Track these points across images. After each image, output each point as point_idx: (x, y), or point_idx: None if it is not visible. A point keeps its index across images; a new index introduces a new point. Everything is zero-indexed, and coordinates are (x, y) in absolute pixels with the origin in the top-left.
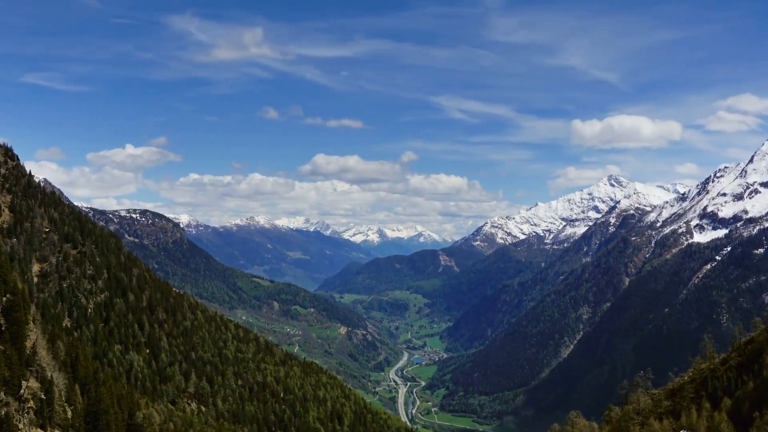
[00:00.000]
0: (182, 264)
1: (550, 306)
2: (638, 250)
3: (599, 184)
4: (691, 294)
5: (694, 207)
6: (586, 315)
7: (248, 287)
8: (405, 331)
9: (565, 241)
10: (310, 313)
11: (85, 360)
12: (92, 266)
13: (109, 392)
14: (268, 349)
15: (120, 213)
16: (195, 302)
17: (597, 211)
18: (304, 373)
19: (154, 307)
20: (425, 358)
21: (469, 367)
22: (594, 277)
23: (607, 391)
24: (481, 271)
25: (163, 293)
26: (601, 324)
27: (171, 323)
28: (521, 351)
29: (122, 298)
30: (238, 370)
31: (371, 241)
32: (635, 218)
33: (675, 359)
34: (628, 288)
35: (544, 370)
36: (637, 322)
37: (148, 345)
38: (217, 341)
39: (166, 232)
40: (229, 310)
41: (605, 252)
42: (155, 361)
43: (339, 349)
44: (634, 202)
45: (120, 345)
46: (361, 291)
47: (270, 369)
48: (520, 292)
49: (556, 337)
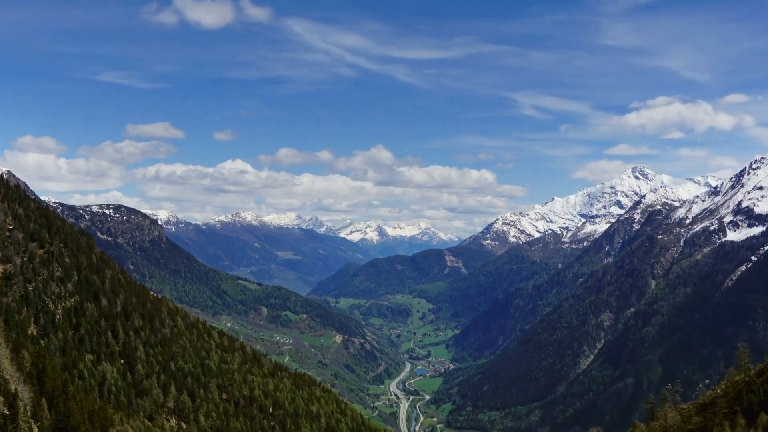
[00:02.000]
0: (161, 265)
1: (567, 311)
2: (665, 249)
3: (622, 177)
4: (724, 298)
5: (728, 202)
6: (608, 321)
7: (234, 291)
8: (407, 340)
9: (585, 240)
10: (302, 319)
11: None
12: (61, 267)
13: (80, 407)
14: (256, 360)
15: (92, 209)
16: (175, 307)
17: (620, 207)
18: (296, 385)
19: (129, 312)
20: (430, 369)
21: (478, 379)
22: (616, 279)
23: (631, 406)
24: (491, 273)
25: (140, 297)
26: (625, 331)
27: (148, 331)
28: (536, 361)
29: (94, 302)
30: (222, 383)
31: (370, 240)
32: (662, 214)
33: (706, 370)
34: (655, 291)
35: (562, 382)
36: (664, 330)
37: (122, 355)
38: (199, 351)
39: (142, 230)
40: (212, 316)
41: (629, 252)
42: (131, 373)
43: (334, 360)
44: (660, 197)
45: (92, 355)
46: (358, 295)
47: (258, 381)
48: (534, 296)
49: (574, 346)
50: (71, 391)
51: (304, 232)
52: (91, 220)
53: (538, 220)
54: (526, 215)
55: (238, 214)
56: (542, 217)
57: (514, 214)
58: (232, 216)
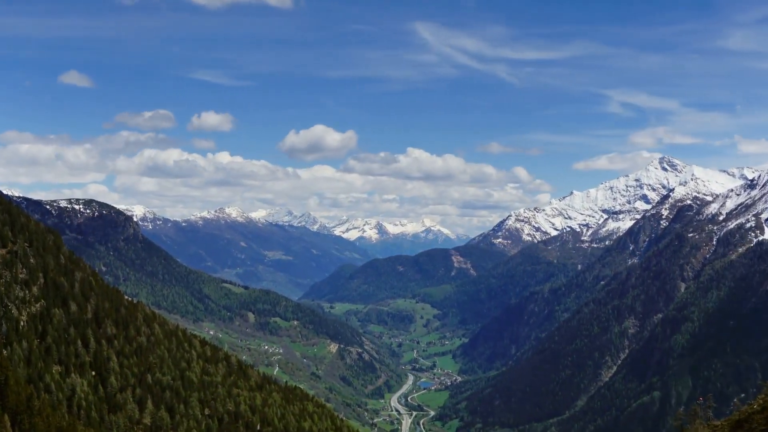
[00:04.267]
0: (136, 266)
1: (588, 318)
2: (697, 249)
3: (648, 168)
4: (761, 303)
5: (766, 196)
6: (633, 329)
7: (217, 295)
8: (410, 349)
9: (607, 238)
10: (294, 326)
11: (16, 384)
12: (26, 269)
13: (46, 423)
14: (242, 371)
15: (60, 204)
16: (152, 313)
17: (646, 201)
18: (286, 400)
19: (101, 319)
20: (435, 381)
21: (488, 393)
22: (642, 282)
23: (658, 423)
24: (503, 275)
25: (113, 302)
26: (651, 340)
27: (122, 339)
28: (553, 373)
29: (62, 308)
30: (204, 397)
31: (368, 238)
32: (693, 210)
33: (742, 383)
34: (684, 295)
35: (581, 396)
36: (695, 338)
37: (93, 366)
38: (178, 361)
39: (115, 227)
40: (193, 322)
41: (656, 251)
42: (103, 386)
43: (329, 371)
44: (691, 190)
45: (59, 366)
46: (356, 299)
47: (244, 395)
48: (551, 301)
49: (595, 356)
50: (37, 406)
51: (296, 229)
52: (59, 216)
53: (555, 216)
54: (541, 211)
55: (222, 210)
56: (559, 213)
57: (528, 210)
58: (215, 212)
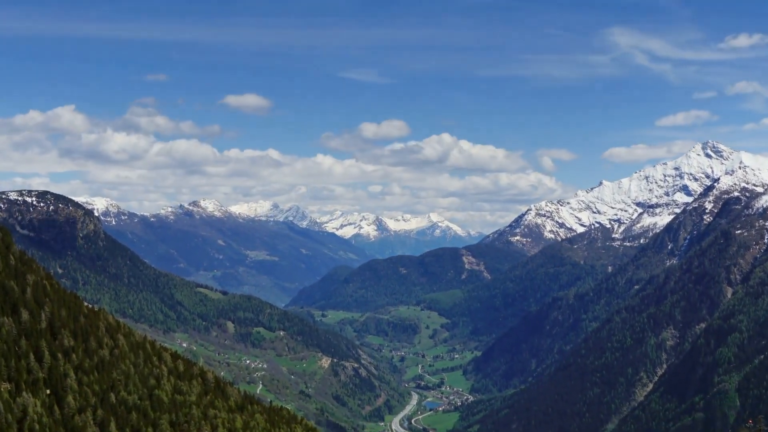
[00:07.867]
0: (97, 268)
1: (619, 328)
2: (745, 248)
3: (690, 155)
4: None
5: None
6: (672, 341)
7: (191, 301)
8: (414, 364)
9: (642, 236)
10: (279, 337)
11: None
12: None
13: None
14: (220, 390)
15: (9, 196)
16: (116, 323)
17: (687, 193)
18: (271, 422)
19: (57, 329)
20: (443, 401)
21: (505, 414)
22: (682, 286)
23: None
24: (521, 279)
25: (71, 310)
26: (693, 353)
27: (81, 352)
28: (579, 392)
29: (12, 316)
30: (176, 419)
31: (366, 236)
32: (741, 203)
33: None
34: (731, 302)
35: (612, 418)
36: (743, 351)
37: (48, 383)
38: (146, 378)
39: (74, 223)
40: (163, 333)
41: (698, 251)
42: (59, 406)
43: (320, 389)
44: (739, 180)
45: (9, 383)
46: (351, 306)
47: (222, 417)
48: (577, 309)
49: (628, 372)
50: None
51: (283, 225)
52: (9, 210)
53: (582, 210)
54: (566, 204)
55: (196, 204)
56: (587, 207)
57: (550, 203)
58: (189, 206)
